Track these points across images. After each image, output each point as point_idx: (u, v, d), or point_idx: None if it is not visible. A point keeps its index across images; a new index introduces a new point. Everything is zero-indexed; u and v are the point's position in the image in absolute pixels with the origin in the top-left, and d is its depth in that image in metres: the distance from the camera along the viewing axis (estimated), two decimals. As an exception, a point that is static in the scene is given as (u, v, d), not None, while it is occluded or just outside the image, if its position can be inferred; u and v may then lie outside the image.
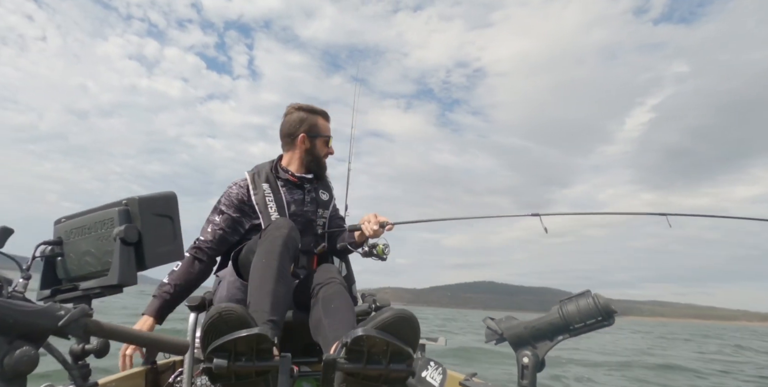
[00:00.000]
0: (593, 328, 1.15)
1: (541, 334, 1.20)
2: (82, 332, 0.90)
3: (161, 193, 1.19)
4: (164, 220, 1.16)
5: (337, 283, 1.48)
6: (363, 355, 0.97)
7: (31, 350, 0.83)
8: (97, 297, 1.11)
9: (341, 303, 1.38)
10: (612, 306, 1.13)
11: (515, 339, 1.22)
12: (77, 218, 1.18)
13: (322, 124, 1.91)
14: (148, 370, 1.85)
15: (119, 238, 1.03)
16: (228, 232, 1.79)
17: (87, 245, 1.13)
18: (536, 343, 1.20)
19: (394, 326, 0.97)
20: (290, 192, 1.87)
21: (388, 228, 1.81)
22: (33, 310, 0.85)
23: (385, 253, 1.83)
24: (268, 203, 1.79)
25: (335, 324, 1.28)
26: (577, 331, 1.17)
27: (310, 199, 1.90)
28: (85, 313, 0.91)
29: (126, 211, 1.09)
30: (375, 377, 1.00)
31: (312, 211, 1.89)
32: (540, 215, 1.96)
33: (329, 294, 1.42)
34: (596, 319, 1.13)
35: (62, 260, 1.18)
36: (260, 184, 1.83)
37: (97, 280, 1.08)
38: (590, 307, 1.13)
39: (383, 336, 0.95)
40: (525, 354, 1.20)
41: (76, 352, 1.08)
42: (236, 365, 0.99)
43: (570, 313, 1.15)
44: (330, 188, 2.05)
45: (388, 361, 0.97)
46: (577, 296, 1.18)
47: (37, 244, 1.17)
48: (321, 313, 1.35)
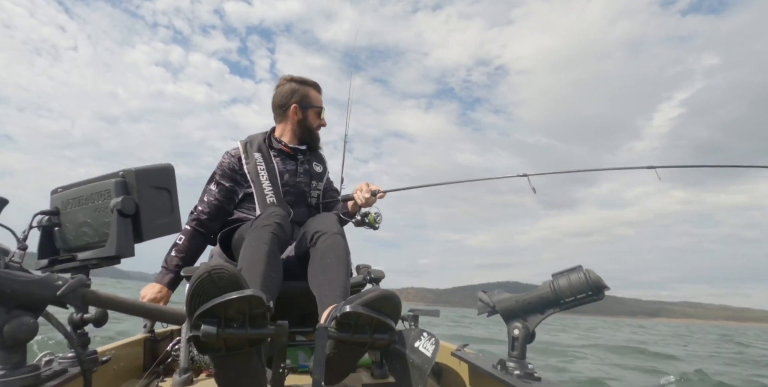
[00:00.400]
0: (583, 303, 1.17)
1: (531, 308, 1.23)
2: (80, 302, 0.92)
3: (158, 165, 1.18)
4: (161, 193, 1.16)
5: (335, 233, 1.48)
6: (351, 326, 1.06)
7: (30, 319, 0.84)
8: (94, 267, 1.13)
9: (337, 258, 1.40)
10: (602, 282, 1.15)
11: (507, 312, 1.25)
12: (74, 189, 1.18)
13: (313, 95, 1.90)
14: (147, 338, 1.88)
15: (116, 209, 1.03)
16: (223, 202, 1.80)
17: (84, 216, 1.13)
18: (527, 316, 1.23)
19: (378, 303, 1.06)
20: (283, 162, 1.86)
21: (379, 196, 1.83)
22: (31, 280, 0.86)
23: (376, 222, 1.84)
24: (260, 172, 1.78)
25: (329, 282, 1.32)
26: (567, 305, 1.19)
27: (303, 170, 1.90)
28: (83, 283, 0.92)
29: (123, 182, 1.09)
30: (362, 343, 1.10)
31: (305, 182, 1.89)
32: (528, 175, 2.00)
33: (327, 245, 1.43)
34: (587, 293, 1.16)
35: (59, 230, 1.18)
36: (252, 153, 1.82)
37: (94, 250, 1.08)
38: (581, 282, 1.15)
39: (368, 312, 1.04)
40: (516, 326, 1.23)
41: (75, 321, 1.10)
42: (227, 332, 0.91)
43: (561, 288, 1.17)
44: (324, 161, 2.05)
45: (373, 332, 1.07)
46: (569, 271, 1.19)
47: (34, 214, 1.17)
48: (318, 267, 1.39)
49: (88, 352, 1.15)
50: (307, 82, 1.90)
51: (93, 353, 1.16)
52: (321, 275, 1.35)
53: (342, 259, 1.40)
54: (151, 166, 1.16)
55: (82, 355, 1.03)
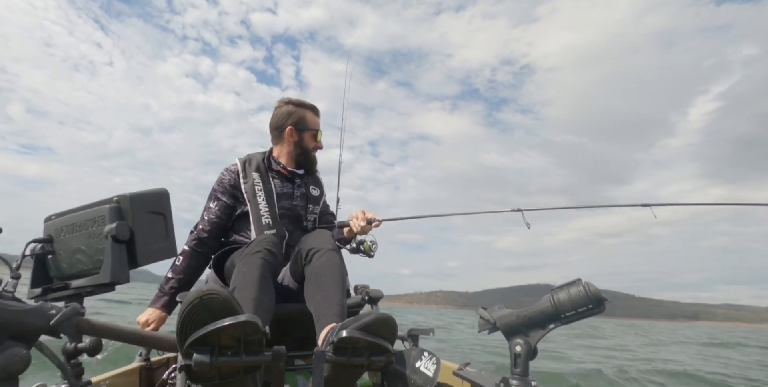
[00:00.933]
0: (584, 316, 1.17)
1: (533, 323, 1.21)
2: (74, 331, 0.90)
3: (153, 190, 1.18)
4: (156, 218, 1.15)
5: (330, 249, 1.48)
6: (347, 350, 1.07)
7: (23, 350, 0.82)
8: (88, 295, 1.11)
9: (331, 275, 1.39)
10: (602, 294, 1.14)
11: (508, 328, 1.24)
12: (67, 216, 1.17)
13: (310, 118, 1.90)
14: (142, 367, 1.85)
15: (111, 236, 1.02)
16: (223, 219, 1.79)
17: (78, 243, 1.12)
18: (528, 331, 1.22)
19: (374, 327, 1.07)
20: (281, 184, 1.86)
21: (375, 225, 1.81)
22: (24, 309, 0.84)
23: (371, 250, 1.83)
24: (257, 192, 1.77)
25: (325, 300, 1.32)
26: (568, 319, 1.18)
27: (300, 193, 1.89)
28: (77, 312, 0.90)
29: (117, 208, 1.08)
30: (359, 366, 1.11)
31: (301, 205, 1.88)
32: (522, 211, 1.99)
33: (321, 263, 1.43)
34: (587, 307, 1.15)
35: (53, 258, 1.17)
36: (250, 172, 1.82)
37: (88, 278, 1.07)
38: (581, 296, 1.15)
39: (365, 336, 1.04)
40: (517, 343, 1.21)
41: (69, 350, 1.08)
42: (220, 361, 0.85)
43: (562, 302, 1.16)
44: (321, 184, 2.04)
45: (370, 355, 1.08)
46: (568, 285, 1.19)
47: (27, 242, 1.16)
48: (314, 286, 1.38)
49: (82, 382, 1.12)
50: (304, 104, 1.90)
51: (87, 383, 1.13)
52: (317, 294, 1.35)
53: (337, 276, 1.40)
54: (146, 191, 1.16)
55: (76, 386, 1.01)
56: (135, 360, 1.92)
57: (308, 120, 1.89)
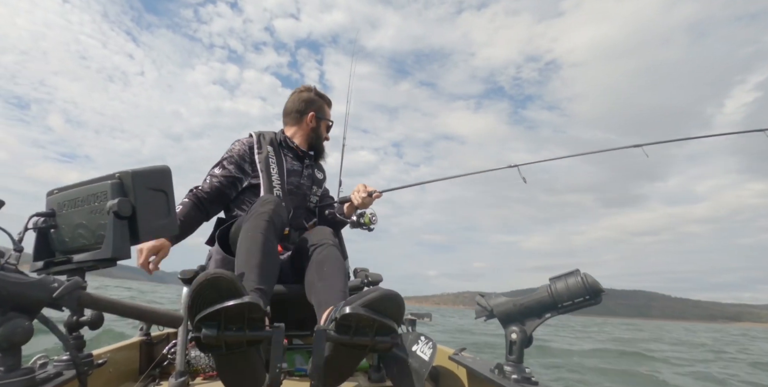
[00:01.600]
0: (580, 307, 1.18)
1: (529, 312, 1.22)
2: (76, 304, 0.91)
3: (155, 166, 1.18)
4: (158, 195, 1.15)
5: (331, 244, 1.50)
6: (351, 328, 1.03)
7: (25, 321, 0.83)
8: (90, 270, 1.12)
9: (334, 266, 1.41)
10: (600, 285, 1.15)
11: (504, 316, 1.25)
12: (70, 190, 1.17)
13: (327, 110, 2.04)
14: (143, 341, 1.87)
15: (113, 211, 1.02)
16: (226, 186, 1.79)
17: (80, 218, 1.12)
18: (524, 319, 1.23)
19: (379, 304, 1.03)
20: (291, 161, 1.91)
21: (376, 196, 1.84)
22: (26, 282, 0.85)
23: (371, 222, 1.85)
24: (271, 163, 1.81)
25: (327, 288, 1.32)
26: (564, 309, 1.19)
27: (308, 174, 1.95)
28: (79, 286, 0.91)
29: (119, 184, 1.08)
30: (362, 346, 1.07)
31: (307, 185, 1.94)
32: (518, 166, 2.04)
33: (323, 256, 1.45)
34: (584, 297, 1.16)
35: (55, 232, 1.18)
36: (265, 145, 1.85)
37: (90, 253, 1.07)
38: (579, 286, 1.15)
39: (369, 313, 1.00)
40: (513, 330, 1.22)
41: (71, 323, 1.09)
42: (226, 335, 0.96)
43: (559, 292, 1.17)
44: (324, 171, 2.12)
45: (374, 334, 1.04)
46: (567, 275, 1.20)
47: (30, 216, 1.16)
48: (315, 276, 1.39)
49: (84, 355, 1.14)
50: (324, 97, 2.04)
51: (88, 356, 1.15)
52: (318, 282, 1.36)
53: (339, 266, 1.41)
54: (148, 168, 1.15)
55: (78, 358, 1.03)
56: (136, 335, 1.95)
57: (326, 111, 2.03)
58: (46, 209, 1.19)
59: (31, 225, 1.15)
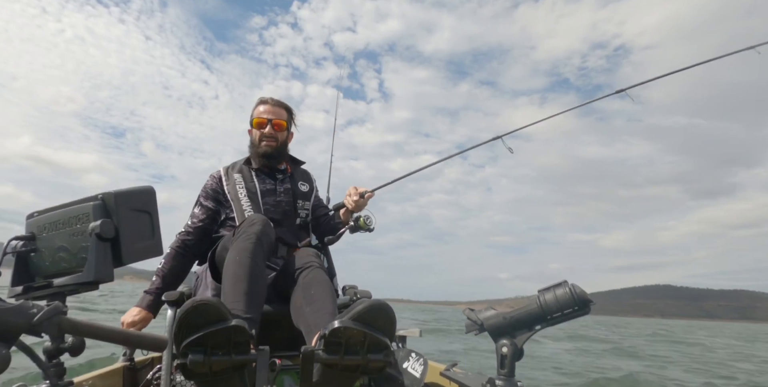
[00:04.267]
0: (570, 318, 1.18)
1: (519, 324, 1.22)
2: (56, 330, 0.88)
3: (139, 187, 1.16)
4: (142, 216, 1.13)
5: (316, 267, 1.47)
6: (341, 346, 0.97)
7: (2, 349, 0.80)
8: (71, 294, 1.09)
9: (321, 289, 1.37)
10: (587, 296, 1.15)
11: (494, 329, 1.24)
12: (50, 213, 1.15)
13: (256, 112, 1.89)
14: (126, 367, 1.82)
15: (95, 233, 1.00)
16: (207, 223, 1.81)
17: (61, 241, 1.10)
18: (515, 332, 1.23)
19: (370, 317, 0.97)
20: (263, 181, 1.87)
21: (368, 196, 1.83)
22: (4, 308, 0.82)
23: (368, 225, 1.80)
24: (239, 190, 1.80)
25: (316, 312, 1.28)
26: (554, 320, 1.19)
27: (284, 189, 1.89)
28: (59, 311, 0.89)
29: (102, 205, 1.06)
30: (353, 367, 1.00)
31: (286, 201, 1.87)
32: (501, 137, 2.06)
33: (309, 279, 1.41)
34: (573, 308, 1.16)
35: (35, 256, 1.15)
36: (232, 174, 1.86)
37: (71, 276, 1.05)
38: (567, 297, 1.16)
39: (360, 327, 0.95)
40: (504, 343, 1.22)
41: (51, 350, 1.06)
42: (212, 360, 0.95)
43: (548, 303, 1.18)
44: (310, 179, 2.04)
45: (366, 351, 0.97)
46: (555, 286, 1.20)
47: (9, 240, 1.13)
48: (302, 300, 1.35)
49: (64, 382, 1.10)
50: (257, 102, 1.92)
51: (69, 384, 1.11)
52: (306, 307, 1.31)
53: (327, 289, 1.38)
54: (132, 189, 1.14)
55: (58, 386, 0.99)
56: (119, 360, 1.90)
57: (254, 115, 1.88)
58: (26, 233, 1.17)
59: (10, 249, 1.12)
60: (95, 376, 1.54)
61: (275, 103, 1.91)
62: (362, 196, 1.81)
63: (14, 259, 1.14)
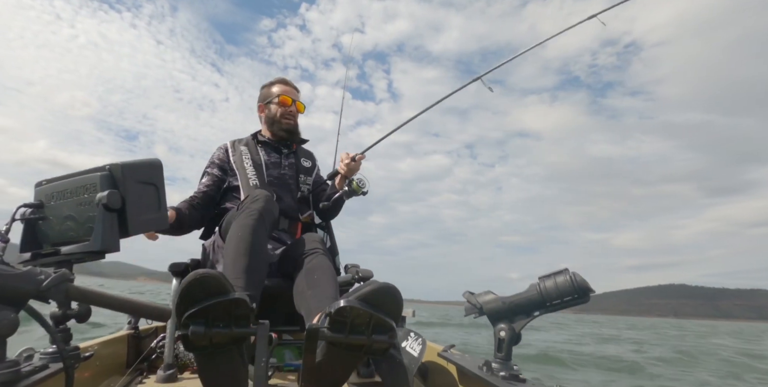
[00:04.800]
0: (569, 305, 1.19)
1: (518, 309, 1.23)
2: (63, 297, 0.90)
3: (146, 159, 1.17)
4: (149, 188, 1.14)
5: (321, 253, 1.48)
6: (346, 325, 0.97)
7: (11, 313, 0.83)
8: (78, 262, 1.11)
9: (324, 274, 1.38)
10: (588, 284, 1.16)
11: (493, 313, 1.26)
12: (59, 182, 1.16)
13: (275, 89, 2.00)
14: (131, 335, 1.86)
15: (102, 203, 1.01)
16: (212, 189, 1.86)
17: (68, 210, 1.11)
18: (513, 317, 1.24)
19: (377, 298, 0.97)
20: (268, 154, 1.94)
21: (359, 158, 1.85)
22: (12, 273, 0.84)
23: (361, 187, 1.81)
24: (245, 160, 1.87)
25: (318, 295, 1.28)
26: (553, 307, 1.20)
27: (289, 163, 1.97)
28: (67, 278, 0.90)
29: (109, 176, 1.07)
30: (357, 347, 1.00)
31: (290, 174, 1.94)
32: (480, 77, 2.05)
33: (313, 264, 1.43)
34: (572, 296, 1.17)
35: (43, 224, 1.16)
36: (239, 146, 1.94)
37: (78, 245, 1.06)
38: (567, 285, 1.16)
39: (366, 308, 0.95)
40: (502, 328, 1.23)
41: (57, 316, 1.09)
42: (213, 331, 0.94)
43: (548, 290, 1.18)
44: (313, 157, 2.12)
45: (371, 332, 0.97)
46: (555, 274, 1.21)
47: (18, 207, 1.15)
48: (304, 284, 1.36)
49: (71, 347, 1.13)
50: (272, 81, 2.03)
51: (75, 349, 1.14)
52: (308, 290, 1.32)
53: (330, 273, 1.38)
54: (139, 161, 1.14)
55: (64, 351, 1.02)
56: (123, 328, 1.94)
57: (273, 91, 1.99)
58: (35, 200, 1.18)
59: (19, 216, 1.14)
60: (100, 342, 1.58)
61: (293, 86, 2.04)
62: (354, 159, 1.83)
63: (23, 226, 1.15)
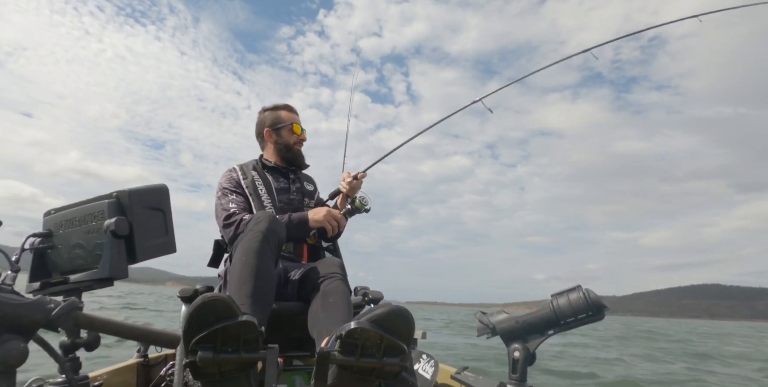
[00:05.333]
0: (583, 323, 1.16)
1: (532, 328, 1.21)
2: (72, 325, 0.90)
3: (152, 185, 1.18)
4: (156, 213, 1.15)
5: (339, 278, 1.46)
6: (357, 348, 0.95)
7: (20, 343, 0.82)
8: (87, 290, 1.11)
9: (340, 298, 1.37)
10: (602, 301, 1.14)
11: (506, 333, 1.23)
12: (67, 210, 1.17)
13: (284, 116, 1.99)
14: (140, 363, 1.84)
15: (110, 230, 1.02)
16: (247, 208, 1.77)
17: (77, 238, 1.12)
18: (527, 337, 1.21)
19: (388, 320, 0.96)
20: (276, 180, 1.93)
21: (361, 176, 1.85)
22: (22, 303, 0.84)
23: (363, 204, 1.80)
24: (258, 185, 1.85)
25: (330, 318, 1.26)
26: (567, 325, 1.18)
27: (296, 188, 1.96)
28: (75, 306, 0.90)
29: (117, 203, 1.08)
30: (368, 370, 0.98)
31: (298, 199, 1.94)
32: (482, 99, 2.08)
33: (330, 288, 1.41)
34: (587, 313, 1.14)
35: (52, 253, 1.17)
36: (248, 171, 1.90)
37: (87, 273, 1.07)
38: (581, 302, 1.14)
39: (377, 330, 0.94)
40: (516, 348, 1.21)
41: (67, 345, 1.08)
42: (221, 357, 0.91)
43: (561, 308, 1.16)
44: (314, 181, 2.12)
45: (382, 355, 0.95)
46: (568, 291, 1.19)
47: (27, 236, 1.16)
48: (319, 307, 1.34)
49: (80, 377, 1.12)
50: (277, 106, 2.01)
51: (84, 378, 1.13)
52: (322, 313, 1.31)
53: (345, 299, 1.37)
54: (145, 187, 1.15)
55: (74, 381, 1.01)
56: (133, 356, 1.92)
57: (283, 117, 1.98)
58: (43, 230, 1.19)
59: (28, 245, 1.15)
60: (109, 371, 1.56)
61: (297, 112, 2.05)
62: (356, 178, 1.84)
63: (32, 256, 1.16)
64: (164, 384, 1.75)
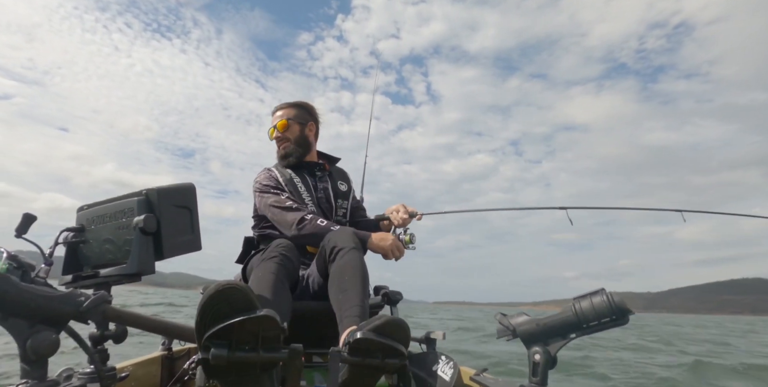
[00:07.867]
0: (606, 327, 1.14)
1: (553, 332, 1.19)
2: (101, 318, 0.93)
3: (180, 184, 1.21)
4: (183, 211, 1.18)
5: (353, 248, 1.48)
6: (362, 351, 1.08)
7: (52, 334, 0.86)
8: (116, 284, 1.14)
9: (354, 276, 1.40)
10: (627, 305, 1.11)
11: (527, 336, 1.22)
12: (99, 206, 1.21)
13: (276, 115, 1.97)
14: (164, 356, 1.89)
15: (138, 227, 1.05)
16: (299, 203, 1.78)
17: (107, 233, 1.16)
18: (548, 340, 1.20)
19: (386, 329, 1.09)
20: (303, 179, 1.89)
21: (417, 218, 1.81)
22: (55, 295, 0.88)
23: (412, 242, 1.78)
24: (296, 182, 1.84)
25: (348, 301, 1.33)
26: (590, 329, 1.15)
27: (323, 187, 1.92)
28: (105, 300, 0.93)
29: (146, 201, 1.11)
30: (373, 368, 1.11)
31: (325, 198, 1.90)
32: (566, 208, 1.98)
33: (344, 262, 1.43)
34: (610, 317, 1.12)
35: (84, 247, 1.21)
36: (284, 170, 1.89)
37: (116, 267, 1.10)
38: (604, 306, 1.12)
39: (378, 338, 1.07)
40: (536, 351, 1.19)
41: (95, 337, 1.12)
42: (237, 355, 0.84)
43: (584, 311, 1.14)
44: (348, 179, 2.06)
45: (384, 357, 1.09)
46: (591, 294, 1.16)
47: (60, 231, 1.20)
48: (335, 287, 1.40)
49: (107, 368, 1.16)
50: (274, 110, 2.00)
51: (112, 369, 1.17)
52: (340, 294, 1.37)
53: (359, 276, 1.40)
54: (174, 186, 1.18)
55: (102, 371, 1.04)
56: (157, 349, 1.97)
57: (274, 118, 1.98)
58: (76, 225, 1.23)
59: (62, 239, 1.19)
60: (135, 363, 1.60)
61: (280, 107, 1.99)
62: (412, 216, 1.79)
63: (65, 249, 1.21)
64: (187, 377, 1.78)
